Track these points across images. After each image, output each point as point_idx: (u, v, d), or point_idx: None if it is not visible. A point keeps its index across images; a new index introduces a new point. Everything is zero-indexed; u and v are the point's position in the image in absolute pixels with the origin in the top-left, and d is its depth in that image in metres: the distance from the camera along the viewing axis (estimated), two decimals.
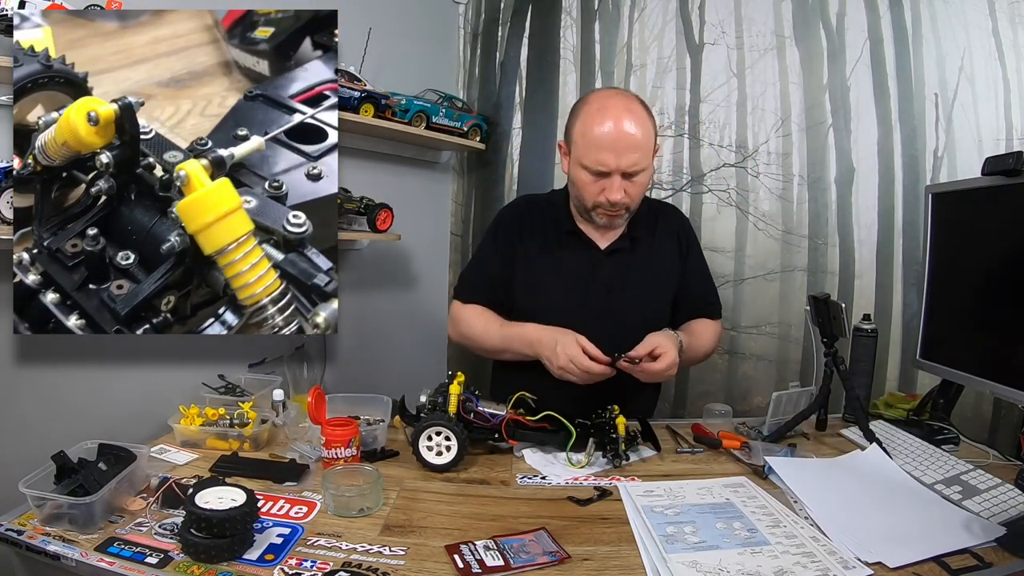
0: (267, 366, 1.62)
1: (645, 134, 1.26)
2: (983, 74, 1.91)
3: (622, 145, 1.24)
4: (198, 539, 0.82)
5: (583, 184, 1.30)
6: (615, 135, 1.24)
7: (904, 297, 2.00)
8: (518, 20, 2.27)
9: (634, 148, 1.25)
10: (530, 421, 1.20)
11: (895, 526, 0.93)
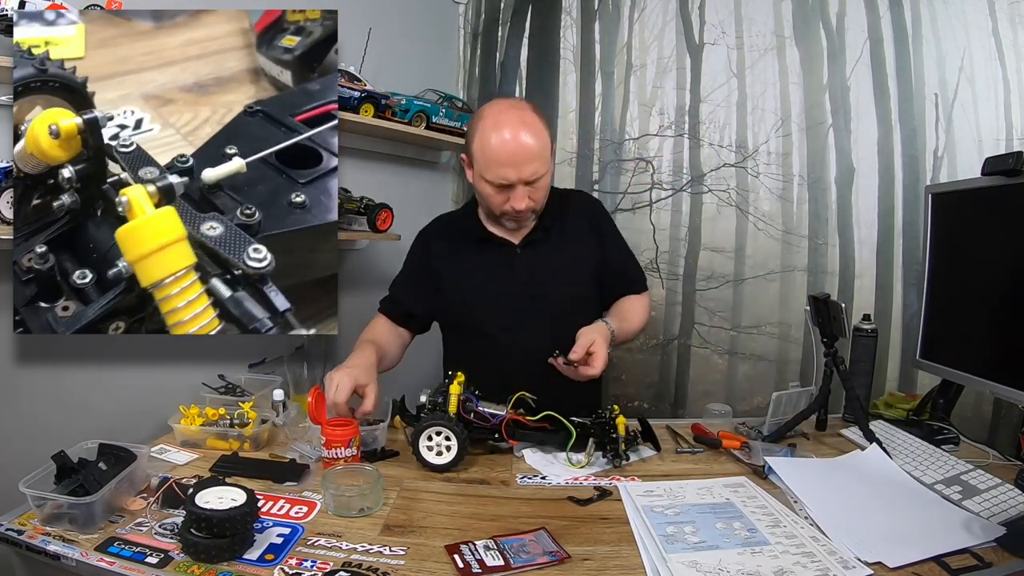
0: (267, 366, 1.62)
1: (541, 142, 1.28)
2: (983, 74, 1.91)
3: (521, 158, 1.27)
4: (198, 539, 0.82)
5: (488, 195, 1.33)
6: (512, 149, 1.26)
7: (904, 297, 2.00)
8: (518, 20, 2.28)
9: (533, 158, 1.27)
10: (530, 421, 1.20)
11: (895, 526, 0.93)
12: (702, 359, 2.17)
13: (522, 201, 1.30)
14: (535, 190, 1.31)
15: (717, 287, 2.15)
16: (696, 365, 2.17)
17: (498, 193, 1.31)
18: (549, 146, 1.32)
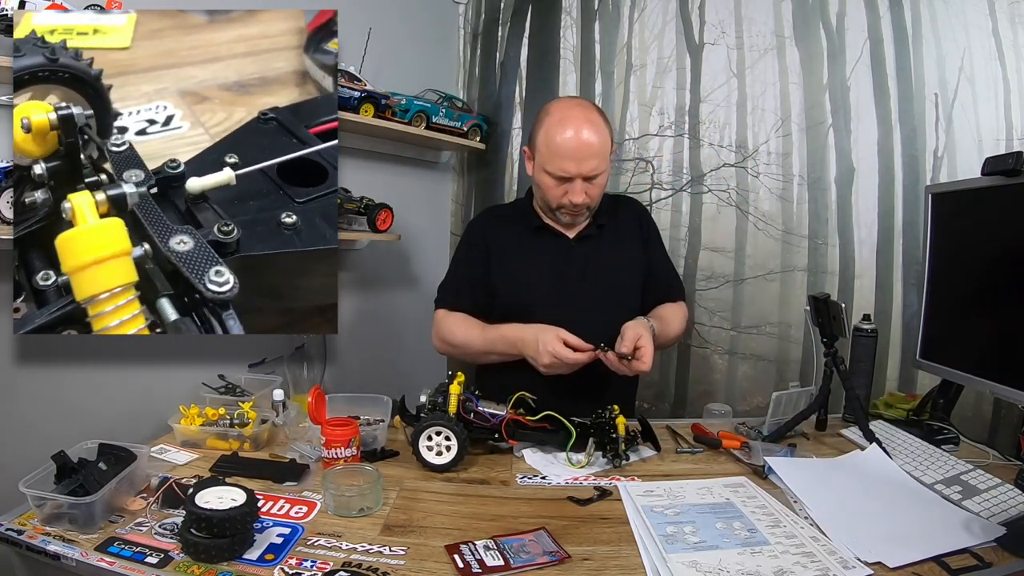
0: (267, 366, 1.62)
1: (602, 141, 1.34)
2: (983, 74, 1.91)
3: (583, 153, 1.32)
4: (198, 539, 0.82)
5: (547, 187, 1.38)
6: (576, 144, 1.31)
7: (904, 297, 2.00)
8: (518, 20, 2.27)
9: (593, 155, 1.32)
10: (530, 421, 1.20)
11: (895, 526, 0.93)
12: (702, 359, 2.17)
13: (580, 195, 1.34)
14: (592, 186, 1.36)
15: (717, 287, 2.14)
16: (696, 365, 2.17)
17: (557, 186, 1.36)
18: (610, 147, 1.36)
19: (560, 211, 1.41)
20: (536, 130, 1.39)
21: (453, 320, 1.46)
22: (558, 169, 1.33)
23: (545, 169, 1.36)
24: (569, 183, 1.34)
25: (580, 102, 1.41)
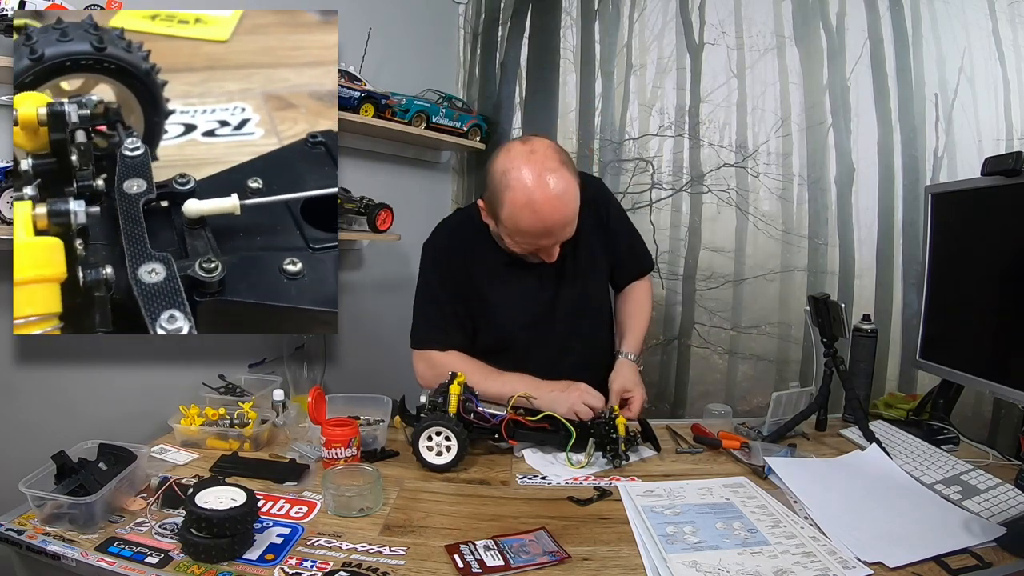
0: (267, 366, 1.62)
1: (575, 200, 1.20)
2: (983, 74, 1.91)
3: (556, 230, 1.20)
4: (198, 539, 0.82)
5: (515, 246, 1.26)
6: (551, 224, 1.18)
7: (904, 297, 2.00)
8: (518, 20, 2.27)
9: (569, 221, 1.21)
10: (530, 421, 1.20)
11: (895, 526, 0.93)
12: (702, 359, 2.17)
13: (555, 254, 1.26)
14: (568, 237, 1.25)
15: (717, 287, 2.14)
16: (696, 365, 2.17)
17: (529, 250, 1.26)
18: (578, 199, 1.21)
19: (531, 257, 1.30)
20: (496, 198, 1.20)
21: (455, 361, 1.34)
22: (531, 244, 1.23)
23: (514, 241, 1.23)
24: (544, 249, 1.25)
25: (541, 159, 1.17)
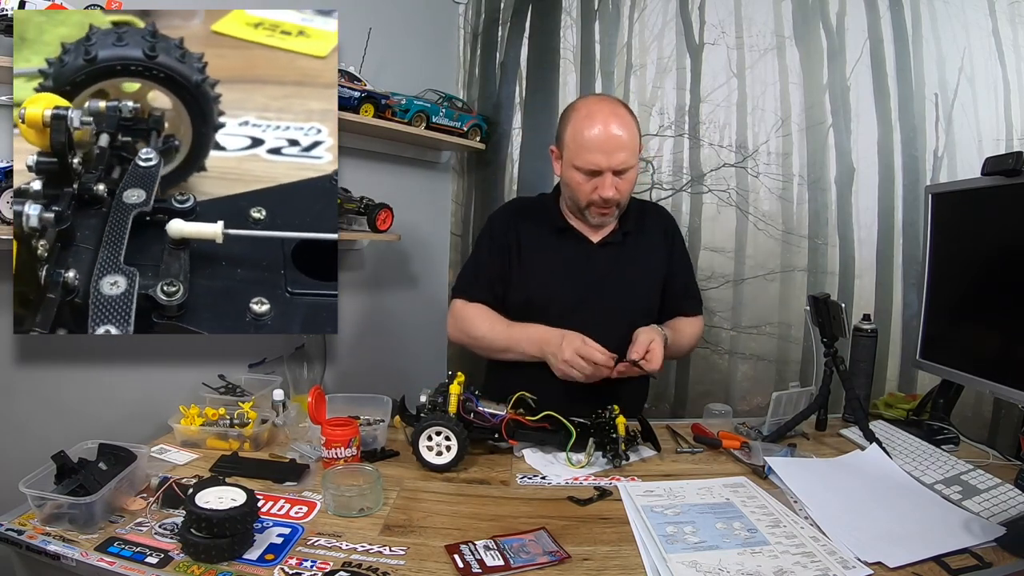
0: (267, 366, 1.62)
1: (631, 135, 1.33)
2: (983, 74, 1.91)
3: (611, 146, 1.31)
4: (198, 539, 0.82)
5: (576, 184, 1.37)
6: (604, 137, 1.31)
7: (904, 297, 2.00)
8: (518, 20, 2.27)
9: (622, 148, 1.31)
10: (530, 421, 1.20)
11: (895, 526, 0.93)
12: (702, 359, 2.17)
13: (610, 189, 1.33)
14: (622, 181, 1.35)
15: (717, 287, 2.14)
16: (696, 365, 2.17)
17: (587, 181, 1.35)
18: (638, 141, 1.36)
19: (589, 210, 1.39)
20: (563, 127, 1.38)
21: (474, 312, 1.45)
22: (587, 163, 1.32)
23: (574, 164, 1.35)
24: (599, 177, 1.33)
25: (607, 97, 1.42)
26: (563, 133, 1.38)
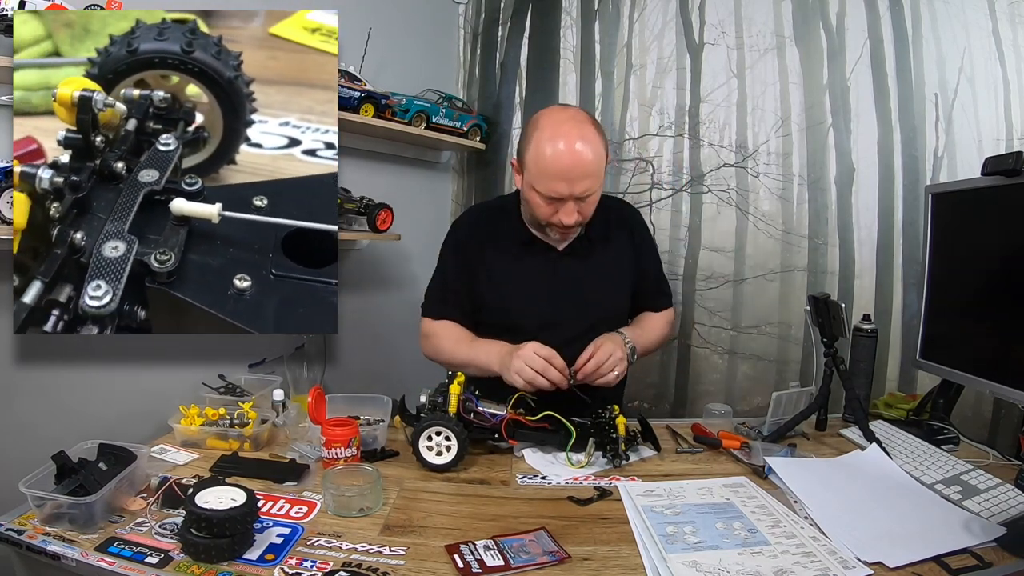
0: (267, 366, 1.62)
1: (597, 157, 1.25)
2: (983, 74, 1.91)
3: (575, 174, 1.23)
4: (198, 539, 0.82)
5: (536, 205, 1.30)
6: (568, 165, 1.23)
7: (904, 297, 2.00)
8: (518, 20, 2.27)
9: (587, 175, 1.24)
10: (530, 421, 1.20)
11: (895, 526, 0.93)
12: (702, 359, 2.17)
13: (571, 216, 1.27)
14: (585, 204, 1.29)
15: (717, 287, 2.14)
16: (696, 365, 2.17)
17: (548, 205, 1.28)
18: (604, 160, 1.28)
19: (550, 228, 1.34)
20: (525, 143, 1.30)
21: (440, 329, 1.44)
22: (548, 190, 1.25)
23: (534, 187, 1.27)
24: (560, 203, 1.27)
25: (573, 114, 1.29)
26: (524, 150, 1.29)
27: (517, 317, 1.38)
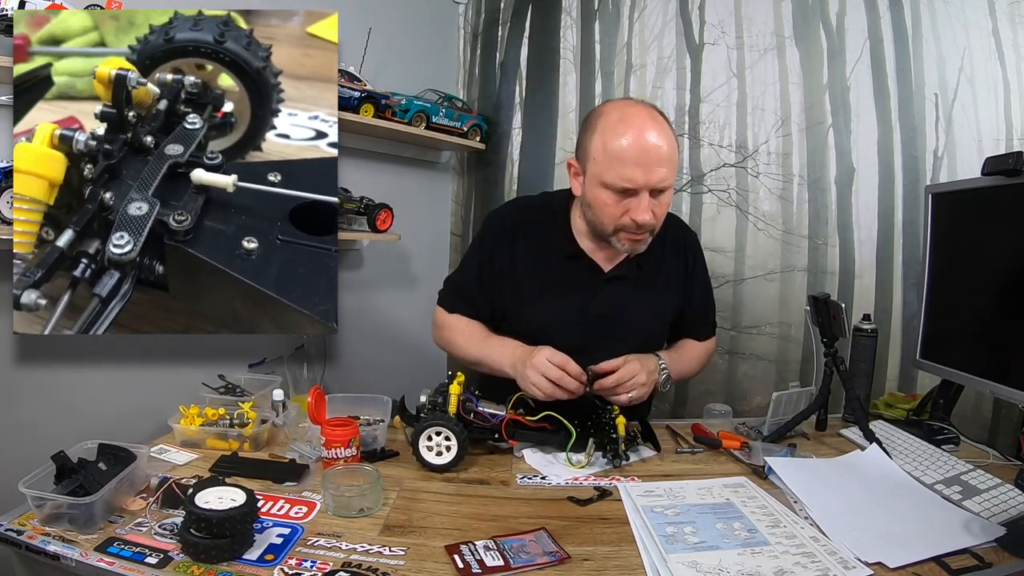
0: (267, 366, 1.62)
1: (672, 145, 1.14)
2: (983, 74, 1.91)
3: (650, 158, 1.11)
4: (198, 539, 0.82)
5: (603, 205, 1.17)
6: (642, 147, 1.10)
7: (904, 297, 2.00)
8: (518, 20, 2.27)
9: (663, 161, 1.12)
10: (530, 421, 1.20)
11: (895, 526, 0.93)
12: None
13: (646, 212, 1.13)
14: (659, 204, 1.16)
15: (717, 287, 2.13)
16: None
17: (617, 203, 1.15)
18: (677, 153, 1.17)
19: (617, 236, 1.19)
20: (587, 136, 1.17)
21: (454, 321, 1.37)
22: (620, 179, 1.11)
23: (603, 181, 1.14)
24: (633, 197, 1.13)
25: (641, 103, 1.18)
26: (587, 142, 1.17)
27: (544, 338, 1.24)
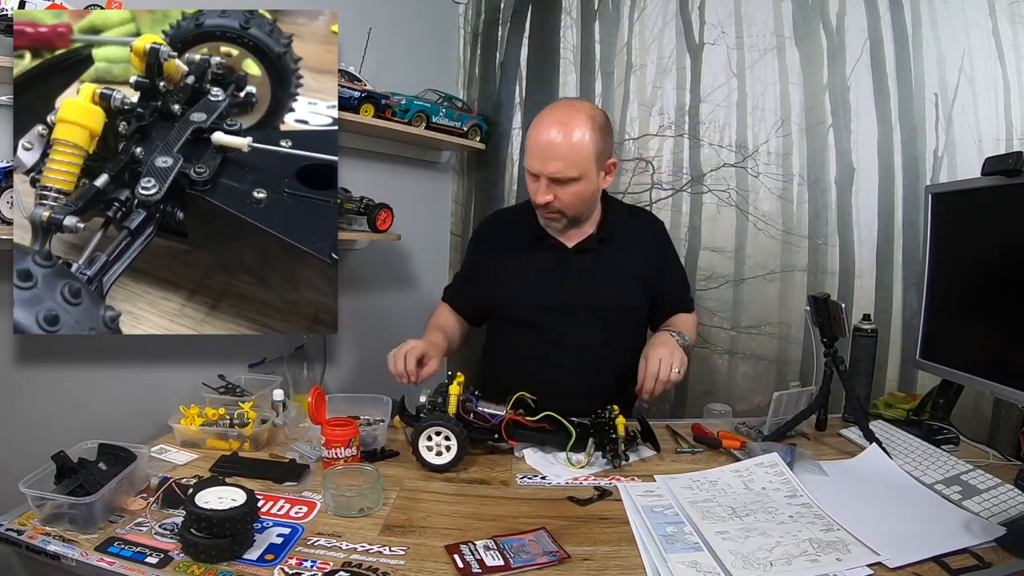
0: (267, 366, 1.62)
1: (573, 144, 1.29)
2: (983, 74, 1.91)
3: (546, 153, 1.30)
4: (198, 539, 0.82)
5: (527, 186, 1.38)
6: (541, 142, 1.30)
7: (904, 297, 1.99)
8: (518, 20, 2.27)
9: (556, 157, 1.29)
10: (530, 421, 1.20)
11: (895, 526, 0.93)
12: (702, 359, 2.17)
13: (544, 195, 1.33)
14: (561, 191, 1.33)
15: (717, 287, 2.14)
16: (696, 365, 2.17)
17: (532, 183, 1.36)
18: (588, 155, 1.31)
19: (539, 212, 1.40)
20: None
21: (435, 311, 1.59)
22: (528, 165, 1.34)
23: (526, 165, 1.37)
24: (538, 181, 1.33)
25: (573, 102, 1.41)
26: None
27: (518, 308, 1.45)
